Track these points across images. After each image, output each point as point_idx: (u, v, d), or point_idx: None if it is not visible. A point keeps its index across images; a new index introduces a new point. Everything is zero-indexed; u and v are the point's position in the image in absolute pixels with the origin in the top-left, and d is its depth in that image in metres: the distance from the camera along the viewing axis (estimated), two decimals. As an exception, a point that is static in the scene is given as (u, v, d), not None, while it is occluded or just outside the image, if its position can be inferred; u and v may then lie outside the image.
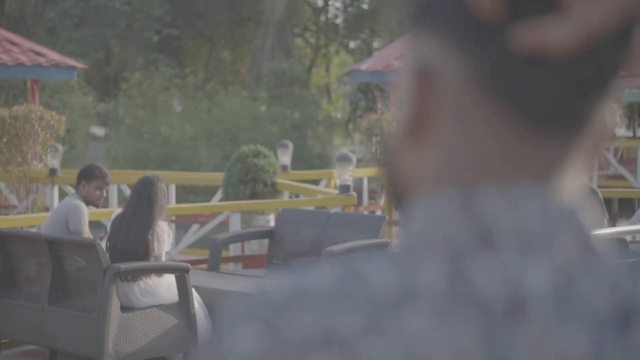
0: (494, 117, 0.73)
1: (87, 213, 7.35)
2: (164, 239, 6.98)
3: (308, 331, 0.69)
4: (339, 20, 40.88)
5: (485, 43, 0.72)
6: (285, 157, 14.11)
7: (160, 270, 6.90)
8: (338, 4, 41.23)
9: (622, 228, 9.29)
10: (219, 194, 12.92)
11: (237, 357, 0.70)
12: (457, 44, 0.73)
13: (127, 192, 12.88)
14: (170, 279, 6.98)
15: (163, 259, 7.03)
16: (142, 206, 6.93)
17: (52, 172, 13.36)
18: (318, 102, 31.89)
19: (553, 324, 0.69)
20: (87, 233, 7.26)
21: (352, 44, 41.36)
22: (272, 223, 11.86)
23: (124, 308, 6.74)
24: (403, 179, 0.78)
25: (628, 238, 9.19)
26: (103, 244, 7.00)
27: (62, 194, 13.49)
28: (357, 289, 0.71)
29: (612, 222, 19.50)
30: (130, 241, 6.87)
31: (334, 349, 0.68)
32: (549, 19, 0.71)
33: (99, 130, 32.24)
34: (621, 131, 34.47)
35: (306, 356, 0.69)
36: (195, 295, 7.01)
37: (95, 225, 9.96)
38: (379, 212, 13.69)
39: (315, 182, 14.56)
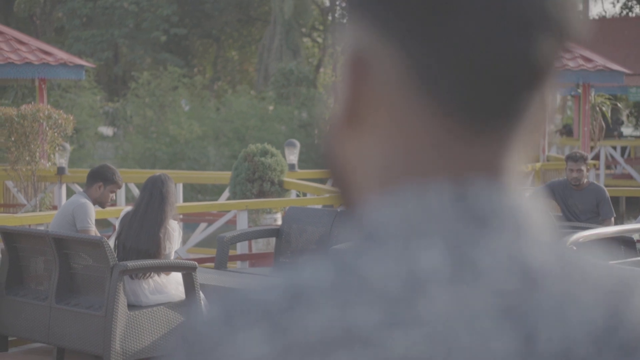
0: (427, 111, 0.73)
1: (93, 211, 7.36)
2: (175, 238, 6.99)
3: (324, 330, 0.68)
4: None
5: (417, 37, 0.72)
6: (292, 156, 14.12)
7: (168, 268, 6.90)
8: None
9: (629, 226, 9.27)
10: (226, 193, 12.93)
11: None
12: (391, 36, 0.73)
13: (135, 191, 12.90)
14: (178, 277, 6.99)
15: (172, 257, 7.04)
16: (153, 205, 6.92)
17: (60, 170, 13.40)
18: (325, 101, 31.87)
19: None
20: (94, 231, 7.27)
21: (359, 44, 41.30)
22: (279, 221, 11.85)
23: (132, 306, 6.75)
24: (343, 167, 0.78)
25: (635, 237, 9.18)
26: (111, 242, 7.01)
27: (70, 193, 13.51)
28: (359, 283, 0.70)
29: (620, 220, 19.46)
30: (142, 239, 6.87)
31: (355, 345, 0.67)
32: None
33: (107, 130, 32.26)
34: (629, 130, 34.38)
35: (326, 356, 0.67)
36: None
37: (103, 223, 9.98)
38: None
39: (323, 180, 14.56)
